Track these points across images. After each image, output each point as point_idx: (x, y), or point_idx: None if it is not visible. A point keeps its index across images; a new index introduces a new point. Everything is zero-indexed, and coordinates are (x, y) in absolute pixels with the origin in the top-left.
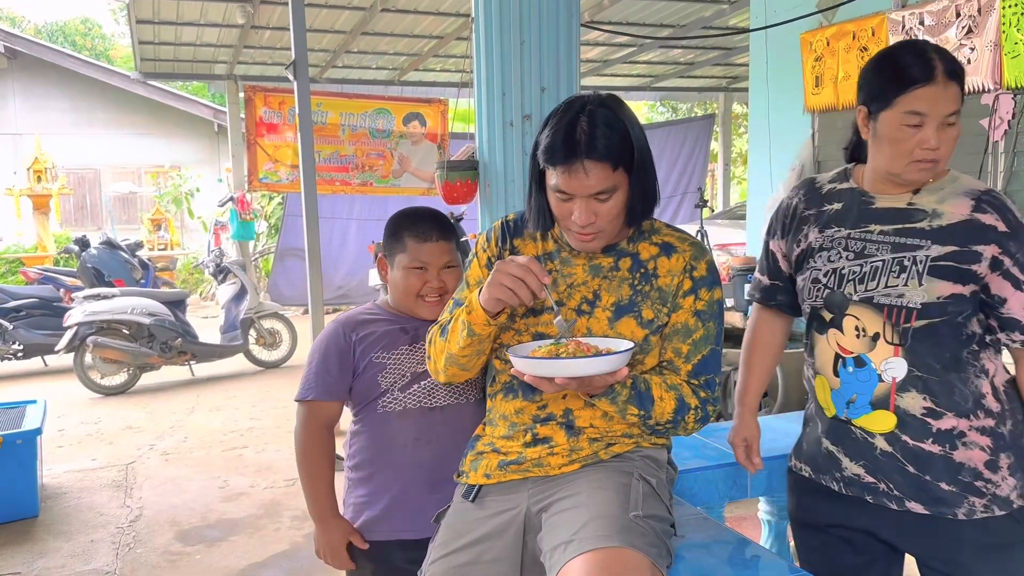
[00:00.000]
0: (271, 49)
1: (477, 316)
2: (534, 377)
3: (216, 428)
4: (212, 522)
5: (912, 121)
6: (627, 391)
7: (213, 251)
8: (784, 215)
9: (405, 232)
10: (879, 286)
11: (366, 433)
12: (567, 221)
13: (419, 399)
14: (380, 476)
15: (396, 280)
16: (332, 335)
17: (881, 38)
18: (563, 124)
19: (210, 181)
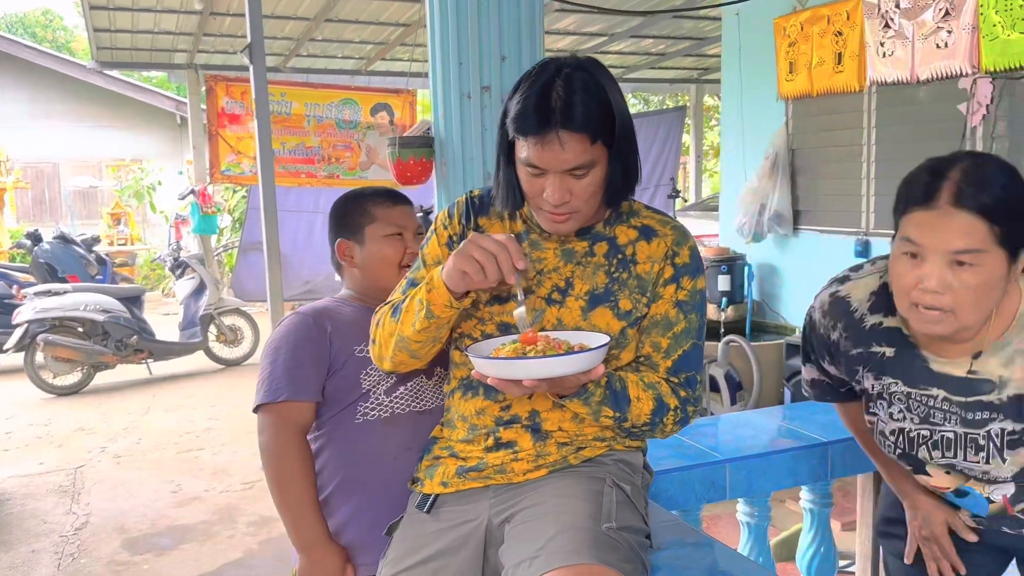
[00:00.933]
0: (232, 37)
1: (438, 295)
2: (499, 380)
3: (171, 429)
4: (162, 529)
5: (907, 249)
6: (601, 391)
7: (172, 245)
8: (826, 347)
9: (368, 203)
10: (957, 458)
11: (336, 447)
12: (538, 199)
13: (408, 403)
14: (359, 497)
15: (371, 256)
16: (299, 325)
17: (856, 22)
18: (536, 89)
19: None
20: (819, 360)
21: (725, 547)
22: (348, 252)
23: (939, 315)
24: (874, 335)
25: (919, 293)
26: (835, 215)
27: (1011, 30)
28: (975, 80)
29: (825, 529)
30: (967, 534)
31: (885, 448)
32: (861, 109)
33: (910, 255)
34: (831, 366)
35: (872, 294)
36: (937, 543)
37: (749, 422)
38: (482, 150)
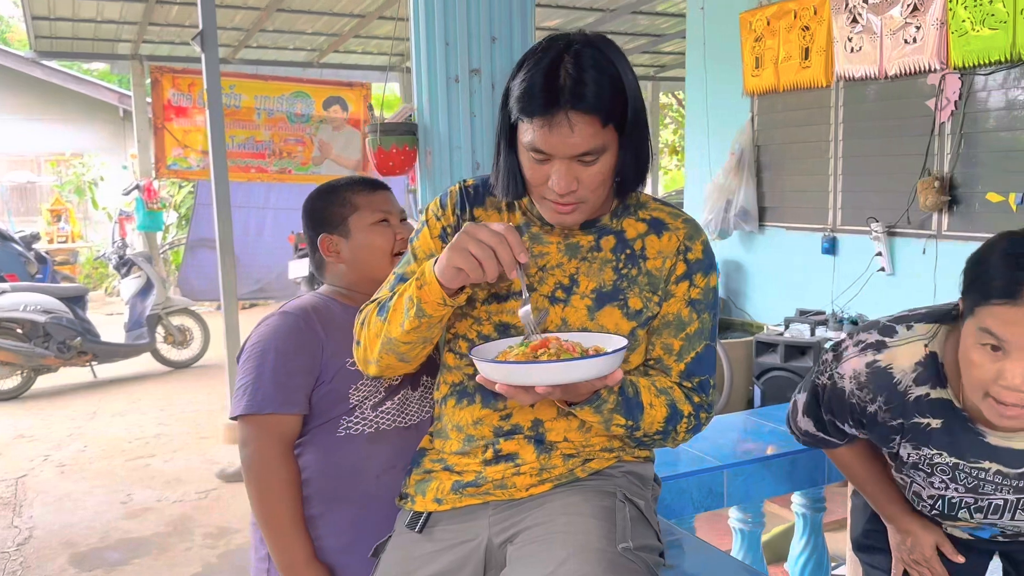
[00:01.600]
0: (179, 27)
1: (431, 292)
2: (508, 387)
3: (119, 435)
4: (113, 542)
5: (987, 340)
6: (615, 397)
7: (116, 242)
8: (856, 415)
9: (347, 192)
10: (1003, 519)
11: (315, 460)
12: (542, 188)
13: (394, 418)
14: (336, 515)
15: (359, 247)
16: (291, 328)
17: (824, 17)
18: (543, 66)
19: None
20: (836, 421)
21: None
22: (333, 248)
23: (1021, 411)
24: (919, 406)
25: (1001, 390)
26: (802, 211)
27: (980, 26)
28: (944, 76)
29: (818, 534)
30: (956, 556)
31: (919, 507)
32: (828, 105)
33: (991, 347)
34: (854, 429)
35: (918, 364)
36: (928, 566)
37: (741, 425)
38: (470, 137)
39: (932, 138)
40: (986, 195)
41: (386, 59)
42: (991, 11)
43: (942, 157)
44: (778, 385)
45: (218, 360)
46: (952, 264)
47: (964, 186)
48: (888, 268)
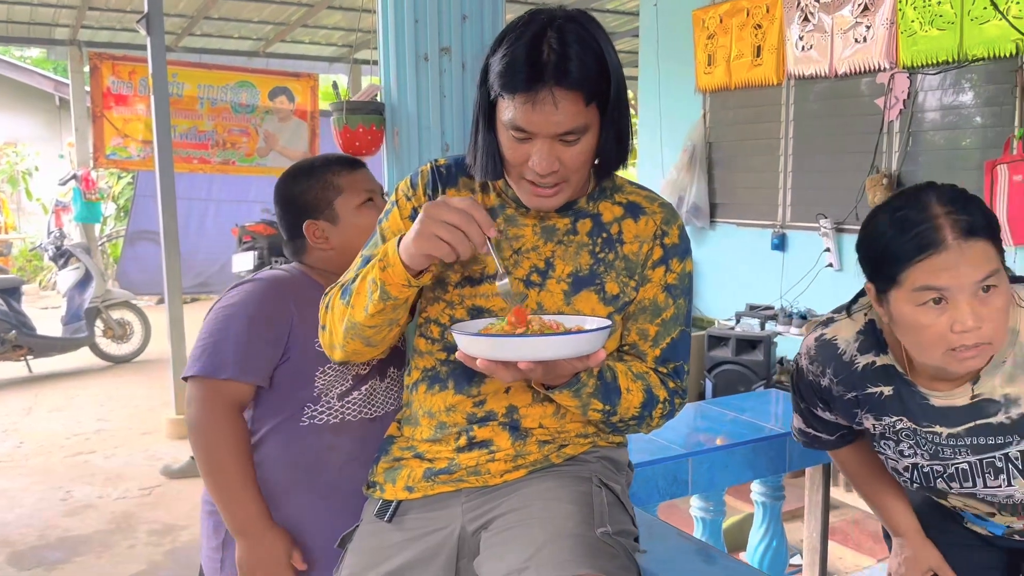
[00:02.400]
0: (119, 12)
1: (394, 273)
2: (489, 362)
3: (57, 431)
4: (53, 541)
5: (926, 297)
6: (594, 381)
7: (53, 233)
8: (818, 394)
9: (328, 175)
10: (976, 486)
11: (277, 448)
12: (522, 168)
13: (359, 409)
14: (294, 504)
15: (350, 231)
16: (263, 295)
17: (776, 16)
18: (525, 40)
19: (51, 159)
20: (811, 408)
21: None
22: (321, 234)
23: (977, 350)
24: (867, 376)
25: (958, 336)
26: (752, 208)
27: (929, 26)
28: (892, 75)
29: (777, 522)
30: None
31: (902, 483)
32: (779, 102)
33: (932, 302)
34: (826, 412)
35: (859, 333)
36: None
37: (703, 413)
38: (440, 118)
39: (880, 136)
40: None
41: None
42: (939, 12)
43: (890, 155)
44: (729, 378)
45: (159, 355)
46: None
47: (911, 183)
48: (836, 264)
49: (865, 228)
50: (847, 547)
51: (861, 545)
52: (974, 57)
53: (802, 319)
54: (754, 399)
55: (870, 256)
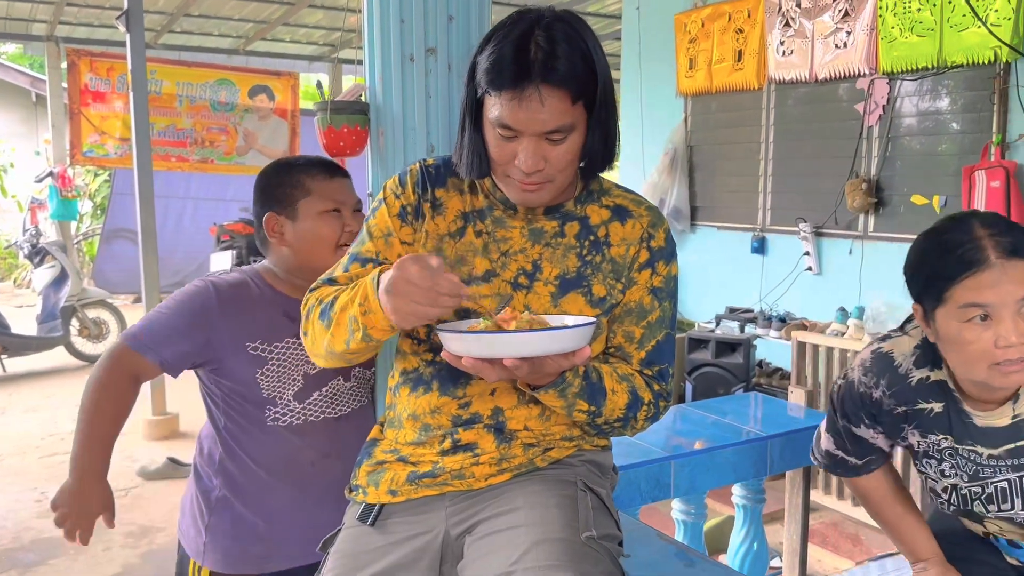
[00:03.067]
0: (98, 8)
1: (376, 319)
2: (475, 361)
3: (32, 432)
4: (27, 543)
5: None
6: (579, 381)
7: (28, 230)
8: (866, 408)
9: (302, 175)
10: (1015, 508)
11: (250, 448)
12: (508, 166)
13: (322, 409)
14: (274, 497)
15: (304, 234)
16: (201, 293)
17: (757, 20)
18: (513, 38)
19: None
20: (850, 426)
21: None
22: (278, 228)
23: (1021, 364)
24: (920, 390)
25: (1002, 352)
26: (732, 211)
27: (909, 32)
28: (872, 80)
29: (758, 526)
30: None
31: (939, 505)
32: (760, 107)
33: (978, 319)
34: (869, 429)
35: (916, 348)
36: None
37: (687, 416)
38: (426, 119)
39: (860, 141)
40: (911, 197)
41: (314, 48)
42: (919, 19)
43: (870, 160)
44: (709, 381)
45: None
46: (878, 264)
47: (890, 188)
48: (815, 268)
49: (912, 251)
50: (826, 550)
51: (840, 548)
52: (953, 64)
53: (781, 322)
54: (735, 402)
55: (917, 277)
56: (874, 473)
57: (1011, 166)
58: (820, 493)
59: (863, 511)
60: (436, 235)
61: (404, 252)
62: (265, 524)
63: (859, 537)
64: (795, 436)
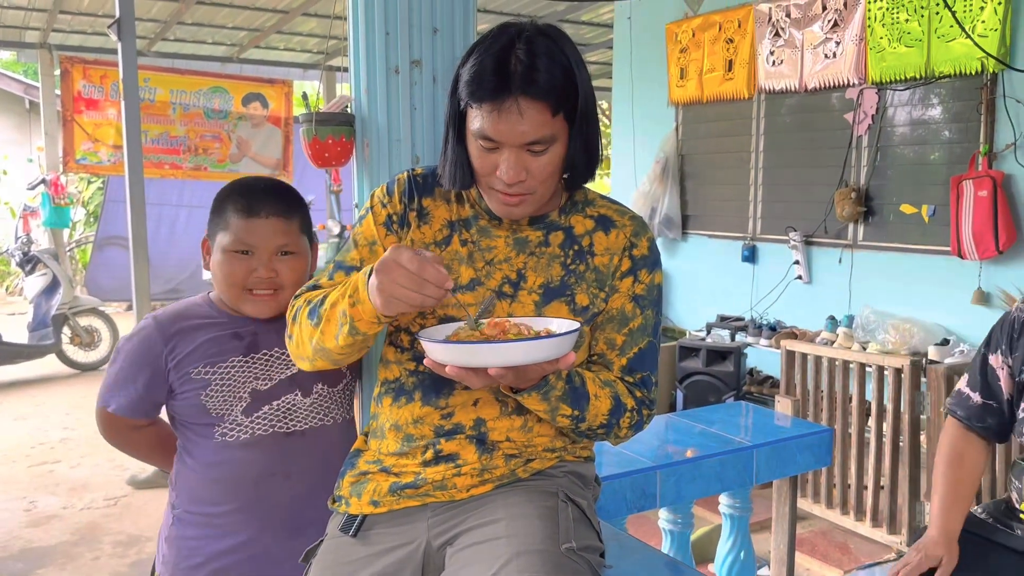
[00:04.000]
0: (92, 16)
1: (364, 311)
2: (459, 369)
3: (22, 440)
4: (15, 552)
5: None
6: (562, 384)
7: (20, 238)
8: (1010, 328)
9: (229, 205)
10: None
11: (199, 469)
12: (490, 178)
13: (271, 423)
14: (222, 519)
15: (215, 269)
16: (143, 338)
17: (748, 30)
18: (494, 51)
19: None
20: (987, 354)
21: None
22: (207, 253)
23: None
24: None
25: None
26: (723, 220)
27: (897, 43)
28: (861, 91)
29: (745, 535)
30: None
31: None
32: (750, 116)
33: None
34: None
35: None
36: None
37: (672, 425)
38: (411, 131)
39: (849, 151)
40: (900, 207)
41: (308, 56)
42: (907, 29)
43: (859, 169)
44: (700, 389)
45: None
46: (867, 273)
47: (879, 198)
48: (805, 276)
49: None
50: (814, 558)
51: (828, 556)
52: (941, 74)
53: (772, 331)
54: (723, 411)
55: None
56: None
57: (998, 176)
58: (808, 501)
59: (851, 519)
60: (422, 243)
61: None
62: (210, 544)
63: (847, 546)
64: (781, 445)
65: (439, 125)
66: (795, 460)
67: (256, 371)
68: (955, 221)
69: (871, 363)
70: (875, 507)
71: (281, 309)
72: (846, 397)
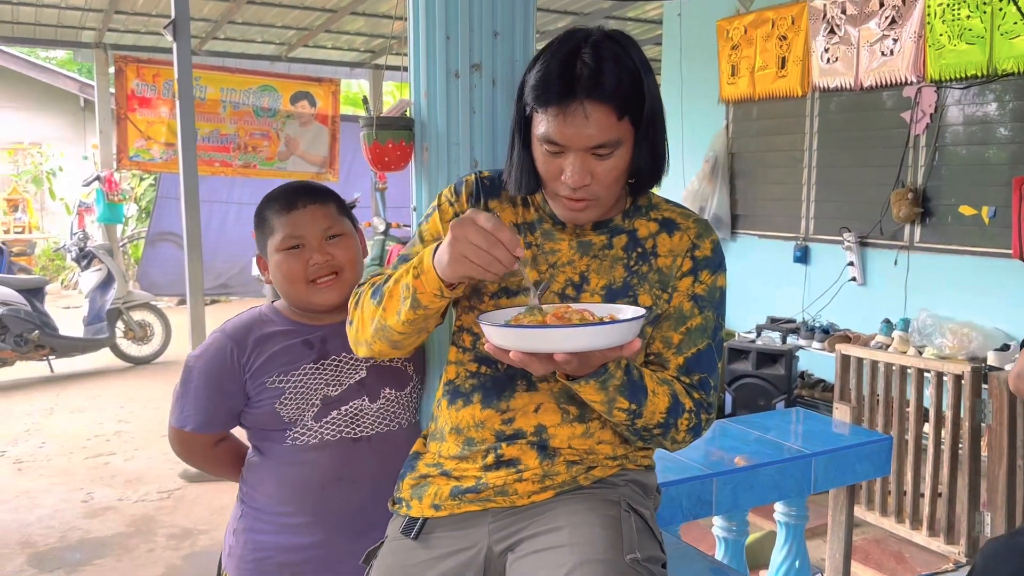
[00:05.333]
0: (145, 16)
1: (428, 282)
2: (523, 355)
3: (78, 432)
4: (73, 542)
5: None
6: (621, 374)
7: (76, 234)
8: None
9: (267, 211)
10: None
11: (270, 469)
12: (555, 183)
13: (340, 428)
14: (290, 521)
15: (276, 274)
16: (217, 353)
17: (801, 27)
18: (560, 56)
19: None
20: None
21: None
22: (265, 267)
23: None
24: None
25: None
26: (774, 220)
27: (957, 40)
28: (920, 89)
29: (800, 544)
30: None
31: None
32: (803, 114)
33: None
34: None
35: None
36: None
37: (726, 432)
38: (470, 135)
39: (906, 150)
40: (959, 208)
41: (355, 55)
42: (968, 26)
43: (916, 169)
44: (749, 392)
45: (179, 356)
46: (924, 276)
47: (937, 198)
48: (859, 278)
49: None
50: (868, 567)
51: (883, 565)
52: (1003, 72)
53: (824, 333)
54: (778, 418)
55: None
56: None
57: None
58: (862, 508)
59: (907, 528)
60: None
61: None
62: (277, 543)
63: (903, 555)
64: (840, 454)
65: (498, 129)
66: (853, 469)
67: (327, 377)
68: (1017, 223)
69: (930, 368)
70: (932, 516)
71: (346, 293)
72: (903, 403)
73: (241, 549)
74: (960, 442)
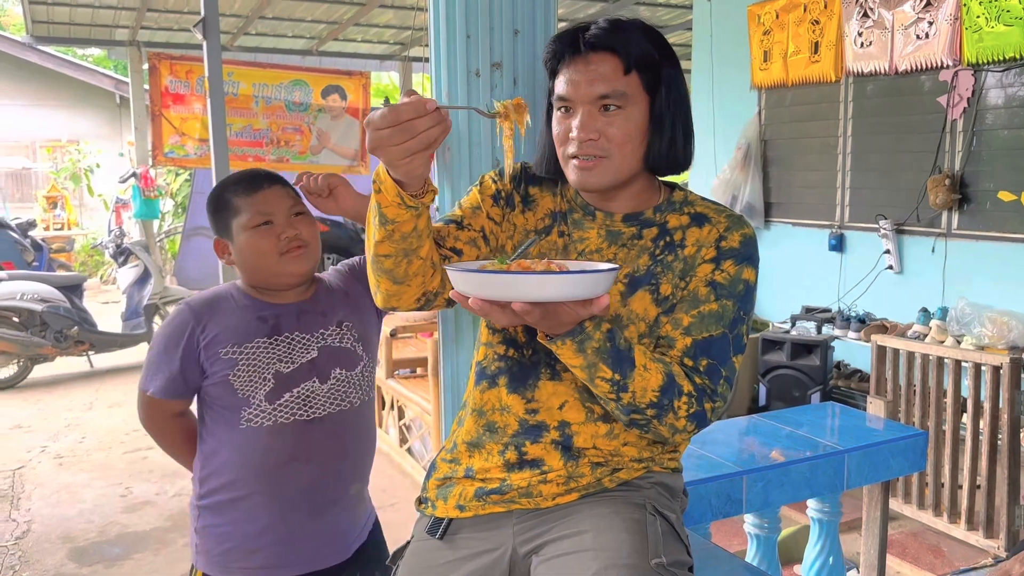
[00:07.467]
0: (178, 13)
1: (387, 191)
2: (482, 302)
3: (117, 427)
4: (112, 537)
5: None
6: (601, 336)
7: (113, 230)
8: None
9: (229, 195)
10: None
11: (225, 453)
12: (566, 144)
13: (293, 411)
14: (246, 503)
15: (244, 252)
16: (177, 320)
17: (834, 11)
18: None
19: (111, 156)
20: None
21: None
22: (225, 251)
23: None
24: None
25: None
26: (808, 208)
27: (995, 22)
28: (956, 72)
29: (834, 540)
30: None
31: None
32: (837, 100)
33: None
34: None
35: None
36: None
37: (757, 427)
38: (491, 134)
39: (943, 135)
40: (998, 194)
41: (385, 47)
42: (1006, 7)
43: (953, 154)
44: (784, 383)
45: None
46: (962, 263)
47: (975, 184)
48: (896, 266)
49: None
50: (905, 561)
51: (919, 559)
52: None
53: (860, 323)
54: (811, 412)
55: None
56: None
57: None
58: (899, 501)
59: (944, 521)
60: (523, 229)
61: (488, 226)
62: (238, 531)
63: (940, 549)
64: (874, 450)
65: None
66: (888, 465)
67: (280, 353)
68: None
69: (968, 360)
70: (971, 509)
71: (312, 264)
72: (940, 393)
73: (207, 545)
74: (999, 434)
